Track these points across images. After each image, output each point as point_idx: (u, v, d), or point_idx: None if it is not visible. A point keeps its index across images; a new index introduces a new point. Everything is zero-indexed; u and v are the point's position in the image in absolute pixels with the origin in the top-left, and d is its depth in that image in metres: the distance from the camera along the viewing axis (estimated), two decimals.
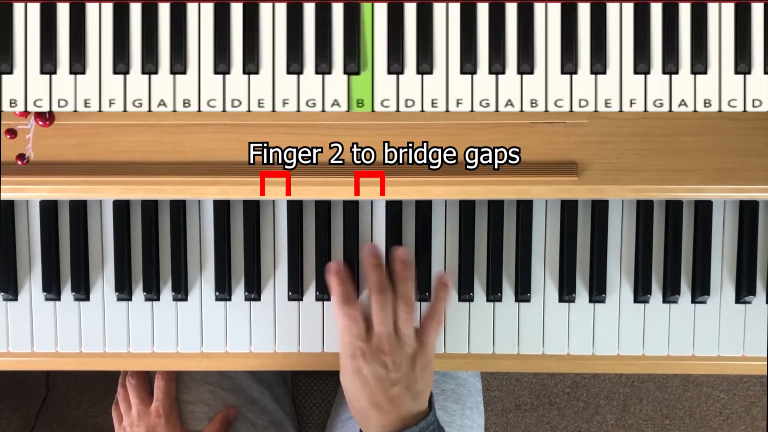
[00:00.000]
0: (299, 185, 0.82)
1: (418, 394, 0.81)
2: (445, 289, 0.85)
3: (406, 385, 0.80)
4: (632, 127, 0.82)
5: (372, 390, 0.80)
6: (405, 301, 0.82)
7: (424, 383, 0.82)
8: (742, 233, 0.87)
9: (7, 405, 1.60)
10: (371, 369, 0.80)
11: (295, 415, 1.15)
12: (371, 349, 0.80)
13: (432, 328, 0.83)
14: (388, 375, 0.80)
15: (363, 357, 0.80)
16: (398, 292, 0.83)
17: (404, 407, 0.80)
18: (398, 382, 0.80)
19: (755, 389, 1.68)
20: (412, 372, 0.81)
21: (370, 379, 0.80)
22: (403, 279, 0.83)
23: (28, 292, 0.88)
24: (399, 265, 0.84)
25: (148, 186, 0.82)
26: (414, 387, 0.81)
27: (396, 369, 0.80)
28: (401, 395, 0.80)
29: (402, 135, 0.82)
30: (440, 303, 0.84)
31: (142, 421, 0.97)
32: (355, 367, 0.80)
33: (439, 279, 0.86)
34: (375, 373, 0.80)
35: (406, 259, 0.84)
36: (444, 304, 0.84)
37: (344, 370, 0.82)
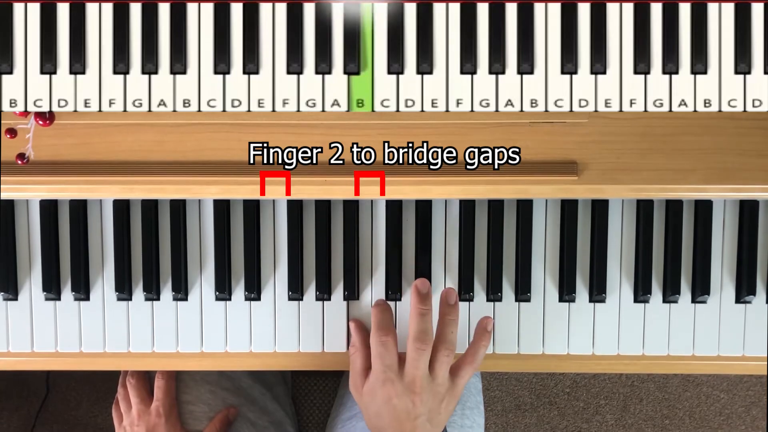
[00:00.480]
0: (299, 185, 0.82)
1: (438, 423, 0.82)
2: (487, 336, 0.85)
3: (428, 417, 0.81)
4: (632, 127, 0.82)
5: (396, 418, 0.81)
6: (447, 345, 0.82)
7: (446, 415, 0.83)
8: (742, 233, 0.87)
9: (7, 405, 1.60)
10: (400, 401, 0.81)
11: (295, 415, 1.15)
12: (403, 385, 0.81)
13: (467, 372, 0.83)
14: (414, 410, 0.81)
15: (394, 389, 0.81)
16: (441, 335, 0.83)
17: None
18: (422, 415, 0.81)
19: (755, 389, 1.68)
20: (438, 408, 0.82)
21: (398, 409, 0.81)
22: (448, 323, 0.83)
23: (28, 292, 0.88)
24: (444, 308, 0.84)
25: (148, 186, 0.82)
26: (435, 419, 0.82)
27: (423, 405, 0.81)
28: (421, 425, 0.81)
29: (402, 135, 0.82)
30: (481, 349, 0.84)
31: (142, 421, 0.97)
32: (386, 395, 0.81)
33: (482, 325, 0.85)
34: (402, 406, 0.81)
35: (451, 301, 0.84)
36: (484, 350, 0.85)
37: (372, 392, 0.82)
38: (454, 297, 0.84)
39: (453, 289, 0.84)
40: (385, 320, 0.83)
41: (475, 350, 0.84)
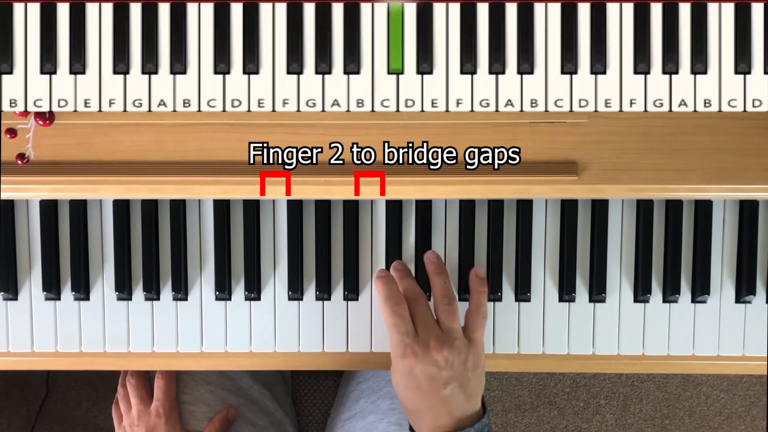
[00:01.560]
0: (299, 185, 0.82)
1: (472, 394, 0.80)
2: (481, 282, 0.85)
3: (458, 383, 0.79)
4: (632, 127, 0.82)
5: (425, 391, 0.79)
6: (443, 294, 0.82)
7: (476, 382, 0.81)
8: (742, 233, 0.87)
9: (7, 405, 1.60)
10: (423, 368, 0.79)
11: (295, 415, 1.15)
12: (421, 347, 0.79)
13: (478, 324, 0.82)
14: (440, 373, 0.78)
15: (414, 356, 0.79)
16: (435, 288, 0.83)
17: (458, 408, 0.79)
18: (450, 380, 0.79)
19: (755, 389, 1.68)
20: (464, 370, 0.80)
21: (423, 379, 0.79)
22: (437, 274, 0.84)
23: (28, 292, 0.88)
24: (430, 265, 0.85)
25: (148, 185, 0.82)
26: (467, 386, 0.80)
27: (448, 367, 0.79)
28: (454, 395, 0.79)
29: (402, 135, 0.82)
30: (480, 296, 0.84)
31: (142, 421, 0.97)
32: (407, 367, 0.79)
33: (474, 273, 0.86)
34: (427, 373, 0.79)
35: (434, 259, 0.85)
36: (484, 297, 0.84)
37: (395, 371, 0.81)
38: (435, 254, 0.86)
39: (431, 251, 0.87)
40: (392, 290, 0.82)
41: (476, 298, 0.84)
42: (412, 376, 0.79)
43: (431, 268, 0.85)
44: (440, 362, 0.79)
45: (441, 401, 0.79)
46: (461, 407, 0.79)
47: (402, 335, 0.80)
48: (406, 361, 0.79)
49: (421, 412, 0.80)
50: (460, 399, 0.79)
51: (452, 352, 0.79)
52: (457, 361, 0.79)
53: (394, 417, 0.98)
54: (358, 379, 1.08)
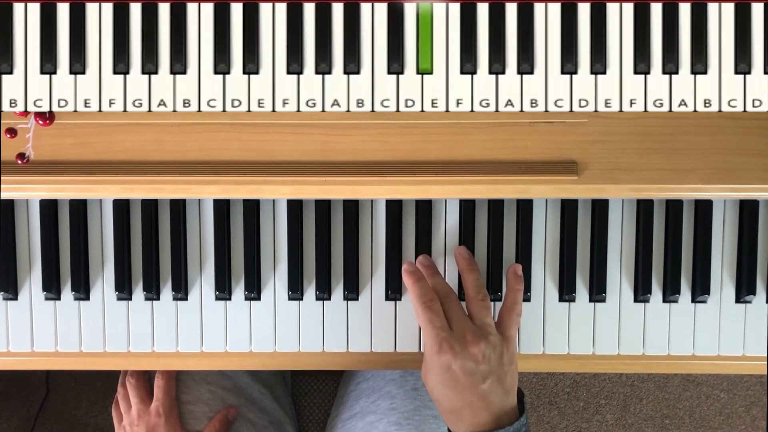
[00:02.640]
0: (299, 185, 0.82)
1: (509, 389, 0.79)
2: (518, 279, 0.84)
3: (497, 378, 0.78)
4: (632, 127, 0.82)
5: (463, 387, 0.78)
6: (477, 290, 0.82)
7: (512, 378, 0.80)
8: (742, 233, 0.87)
9: (7, 405, 1.60)
10: (461, 364, 0.77)
11: (295, 415, 1.15)
12: (458, 342, 0.78)
13: (512, 321, 0.82)
14: (478, 368, 0.78)
15: (452, 351, 0.78)
16: (468, 283, 0.83)
17: (496, 404, 0.78)
18: (489, 375, 0.78)
19: (755, 389, 1.68)
20: (501, 365, 0.79)
21: (460, 375, 0.78)
22: (469, 270, 0.83)
23: (28, 292, 0.88)
24: (462, 261, 0.85)
25: (148, 185, 0.82)
26: (504, 381, 0.79)
27: (485, 361, 0.78)
28: (493, 390, 0.78)
29: (402, 135, 0.82)
30: (516, 294, 0.83)
31: (142, 421, 0.97)
32: (444, 363, 0.78)
33: (512, 270, 0.85)
34: (465, 368, 0.77)
35: (466, 255, 0.85)
36: (519, 295, 0.84)
37: (431, 368, 0.80)
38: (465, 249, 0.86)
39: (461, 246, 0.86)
40: (424, 286, 0.82)
41: (512, 296, 0.83)
42: (450, 373, 0.78)
43: (463, 264, 0.85)
44: (478, 356, 0.78)
45: (480, 397, 0.78)
46: (500, 403, 0.78)
47: (437, 329, 0.79)
48: (443, 357, 0.78)
49: (459, 409, 0.79)
50: (498, 394, 0.78)
51: (488, 347, 0.78)
52: (494, 356, 0.79)
53: (394, 417, 0.98)
54: (358, 379, 1.08)
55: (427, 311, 0.80)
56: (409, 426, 0.97)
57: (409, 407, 0.99)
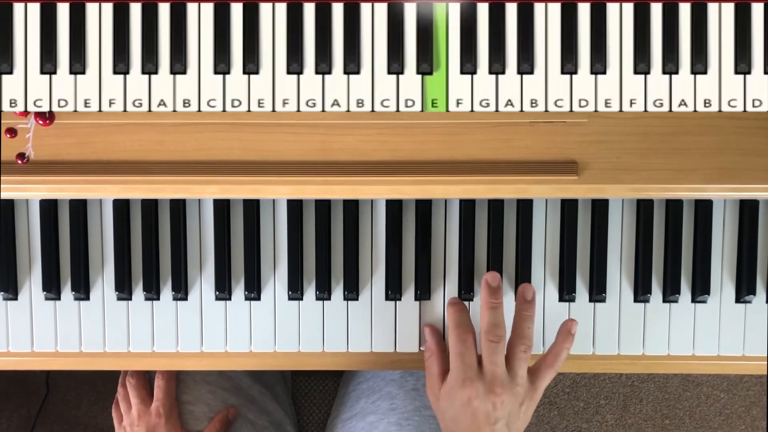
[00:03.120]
0: (299, 185, 0.82)
1: (516, 429, 0.81)
2: (570, 339, 0.84)
3: (507, 422, 0.80)
4: (632, 127, 0.82)
5: (475, 422, 0.79)
6: (523, 341, 0.81)
7: (524, 421, 0.82)
8: (742, 232, 0.87)
9: (7, 405, 1.60)
10: (480, 404, 0.79)
11: (295, 415, 1.15)
12: (484, 386, 0.79)
13: (548, 375, 0.82)
14: (494, 413, 0.79)
15: (475, 390, 0.79)
16: (517, 330, 0.82)
17: None
18: (501, 419, 0.79)
19: (755, 389, 1.68)
20: (517, 412, 0.80)
21: (477, 411, 0.79)
22: (525, 318, 0.82)
23: (28, 292, 0.88)
24: (522, 305, 0.83)
25: (148, 185, 0.82)
26: (513, 425, 0.80)
27: (503, 408, 0.79)
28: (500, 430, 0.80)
29: (402, 135, 0.82)
30: (563, 352, 0.83)
31: (142, 421, 0.97)
32: (465, 397, 0.80)
33: (566, 327, 0.84)
34: (482, 409, 0.79)
35: (528, 296, 0.83)
36: (566, 353, 0.83)
37: (449, 395, 0.81)
38: (531, 293, 0.83)
39: (530, 285, 0.84)
40: (463, 318, 0.82)
41: (557, 353, 0.83)
42: (467, 407, 0.79)
43: (521, 307, 0.83)
44: (497, 404, 0.79)
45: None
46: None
47: (465, 366, 0.80)
48: (465, 392, 0.80)
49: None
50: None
51: (511, 397, 0.80)
52: (514, 405, 0.80)
53: (394, 417, 0.98)
54: (358, 379, 1.08)
55: (461, 344, 0.81)
56: (409, 426, 0.97)
57: (409, 407, 0.99)
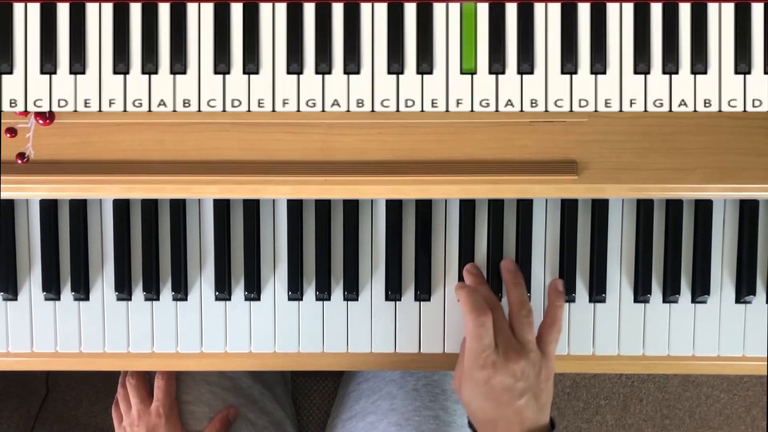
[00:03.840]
0: (299, 185, 0.82)
1: (543, 406, 0.80)
2: (560, 296, 0.84)
3: (533, 394, 0.79)
4: (632, 127, 0.82)
5: (499, 401, 0.79)
6: (521, 306, 0.82)
7: (547, 394, 0.81)
8: (742, 232, 0.87)
9: (7, 405, 1.60)
10: (500, 379, 0.79)
11: (295, 415, 1.15)
12: (501, 358, 0.79)
13: (552, 337, 0.82)
14: (516, 384, 0.79)
15: (493, 366, 0.79)
16: (513, 299, 0.83)
17: (530, 419, 0.79)
18: (526, 391, 0.79)
19: (755, 389, 1.68)
20: (538, 382, 0.80)
21: (498, 389, 0.79)
22: (516, 285, 0.83)
23: (28, 292, 0.88)
24: (508, 274, 0.85)
25: (148, 185, 0.82)
26: (540, 398, 0.80)
27: (524, 378, 0.79)
28: (528, 406, 0.79)
29: (402, 135, 0.82)
30: (557, 310, 0.83)
31: (142, 421, 0.97)
32: (484, 377, 0.79)
33: (553, 286, 0.85)
34: (504, 384, 0.79)
35: (512, 268, 0.85)
36: (561, 311, 0.84)
37: (469, 380, 0.80)
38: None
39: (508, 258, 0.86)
40: (478, 300, 0.81)
41: (552, 312, 0.83)
42: (488, 387, 0.79)
43: (508, 277, 0.85)
44: (517, 373, 0.79)
45: (515, 412, 0.79)
46: (533, 418, 0.79)
47: (484, 346, 0.79)
48: (485, 371, 0.79)
49: (493, 422, 0.80)
50: (533, 410, 0.79)
51: (528, 364, 0.79)
52: (533, 373, 0.80)
53: (394, 417, 0.98)
54: (358, 380, 1.08)
55: (479, 326, 0.80)
56: (409, 426, 0.97)
57: (409, 408, 0.99)
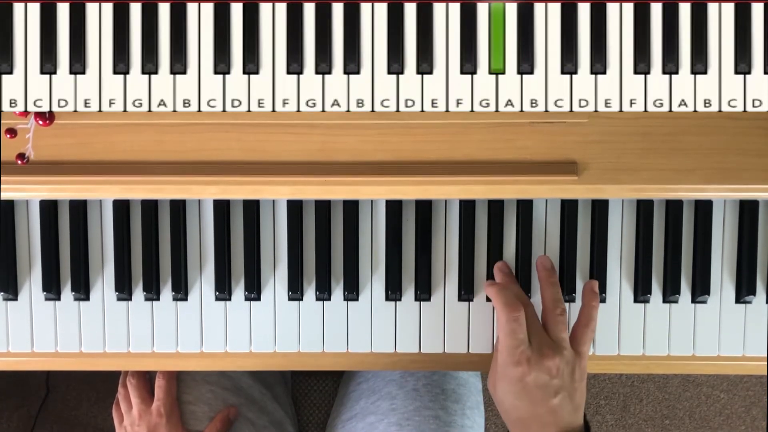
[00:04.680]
0: (299, 185, 0.82)
1: (577, 406, 0.80)
2: (594, 296, 0.84)
3: (567, 393, 0.79)
4: (632, 127, 0.82)
5: (534, 399, 0.78)
6: (555, 304, 0.82)
7: (581, 394, 0.81)
8: (742, 233, 0.87)
9: (7, 405, 1.60)
10: (535, 377, 0.78)
11: (295, 415, 1.15)
12: (535, 355, 0.78)
13: (586, 337, 0.82)
14: (551, 382, 0.78)
15: (527, 363, 0.78)
16: (547, 296, 0.82)
17: (564, 419, 0.78)
18: (560, 390, 0.78)
19: (755, 389, 1.68)
20: (572, 381, 0.79)
21: (533, 387, 0.78)
22: (551, 284, 0.83)
23: (28, 292, 0.88)
24: (544, 272, 0.84)
25: (148, 186, 0.82)
26: (574, 397, 0.79)
27: (558, 376, 0.78)
28: (562, 405, 0.78)
29: (402, 135, 0.82)
30: (592, 310, 0.83)
31: (143, 421, 0.97)
32: (518, 375, 0.78)
33: (588, 286, 0.84)
34: (539, 381, 0.78)
35: (548, 265, 0.85)
36: (595, 311, 0.83)
37: (503, 378, 0.80)
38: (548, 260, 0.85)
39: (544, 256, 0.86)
40: (509, 296, 0.81)
41: (587, 312, 0.83)
42: (522, 384, 0.78)
43: (544, 275, 0.84)
44: (552, 370, 0.78)
45: (549, 411, 0.78)
46: (568, 418, 0.79)
47: (519, 341, 0.79)
48: (519, 369, 0.78)
49: (527, 421, 0.79)
50: (567, 409, 0.79)
51: (563, 362, 0.79)
52: (567, 371, 0.79)
53: (394, 417, 0.98)
54: (358, 380, 1.08)
55: (512, 322, 0.79)
56: (409, 426, 0.97)
57: (409, 408, 0.99)
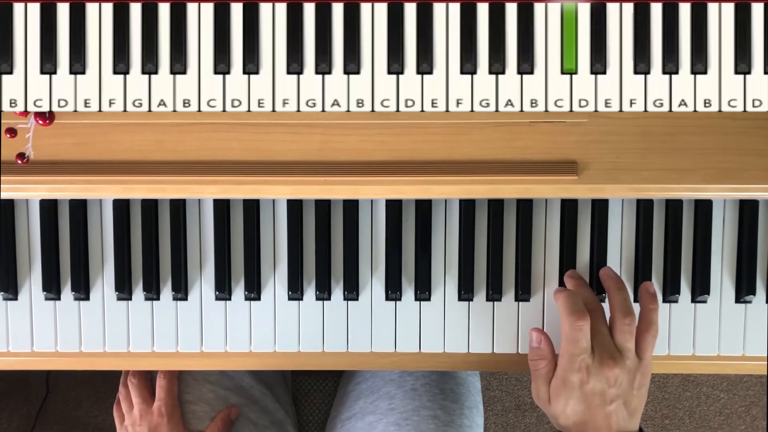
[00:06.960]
0: (299, 185, 0.82)
1: (633, 411, 0.80)
2: (652, 298, 0.83)
3: (623, 401, 0.79)
4: (632, 127, 0.82)
5: (589, 406, 0.78)
6: (624, 313, 0.81)
7: (640, 400, 0.81)
8: (742, 233, 0.87)
9: (7, 405, 1.60)
10: (594, 384, 0.78)
11: (295, 415, 1.15)
12: (596, 363, 0.78)
13: (648, 343, 0.81)
14: (609, 390, 0.78)
15: (587, 370, 0.78)
16: (615, 304, 0.82)
17: (619, 425, 0.79)
18: (617, 398, 0.78)
19: (755, 389, 1.68)
20: (630, 388, 0.80)
21: (590, 394, 0.78)
22: (617, 290, 0.82)
23: (28, 292, 0.88)
24: (609, 281, 0.84)
25: (148, 185, 0.82)
26: (630, 403, 0.79)
27: (617, 385, 0.78)
28: (617, 412, 0.79)
29: (402, 135, 0.82)
30: (652, 313, 0.82)
31: (144, 421, 0.97)
32: (577, 380, 0.79)
33: (644, 289, 0.84)
34: (597, 389, 0.78)
35: (613, 274, 0.85)
36: (655, 314, 0.82)
37: (563, 382, 0.80)
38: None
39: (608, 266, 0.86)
40: (577, 302, 0.81)
41: (647, 316, 0.82)
42: (579, 391, 0.79)
43: (611, 283, 0.83)
44: (611, 380, 0.78)
45: (604, 417, 0.78)
46: (623, 424, 0.79)
47: (581, 350, 0.79)
48: (578, 375, 0.79)
49: (582, 425, 0.79)
50: (622, 416, 0.79)
51: (623, 371, 0.79)
52: (626, 380, 0.79)
53: (393, 417, 0.98)
54: (357, 379, 1.08)
55: (577, 330, 0.79)
56: (408, 426, 0.97)
57: (408, 407, 0.99)
